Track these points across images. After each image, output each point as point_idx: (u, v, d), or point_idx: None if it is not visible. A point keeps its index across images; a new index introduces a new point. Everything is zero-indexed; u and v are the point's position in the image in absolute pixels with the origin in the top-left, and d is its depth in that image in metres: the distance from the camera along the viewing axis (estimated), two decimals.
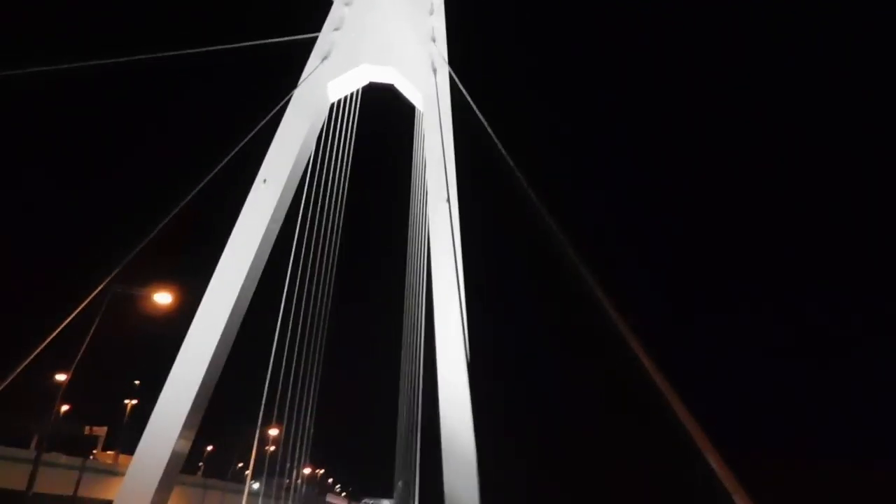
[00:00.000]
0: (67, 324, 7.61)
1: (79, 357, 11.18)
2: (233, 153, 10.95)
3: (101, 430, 48.19)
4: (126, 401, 48.35)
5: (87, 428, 46.98)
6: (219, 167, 10.61)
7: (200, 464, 60.59)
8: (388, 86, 16.66)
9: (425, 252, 18.27)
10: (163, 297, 11.99)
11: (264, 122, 12.19)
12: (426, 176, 15.35)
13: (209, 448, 62.69)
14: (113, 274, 8.13)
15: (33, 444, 40.51)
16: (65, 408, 47.38)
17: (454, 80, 14.39)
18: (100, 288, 7.86)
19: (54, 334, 6.98)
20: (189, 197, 9.75)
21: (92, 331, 11.06)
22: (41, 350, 7.28)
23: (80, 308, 7.37)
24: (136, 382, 45.17)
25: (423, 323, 23.06)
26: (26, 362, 6.62)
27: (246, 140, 11.48)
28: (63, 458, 36.88)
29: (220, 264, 13.73)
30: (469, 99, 11.43)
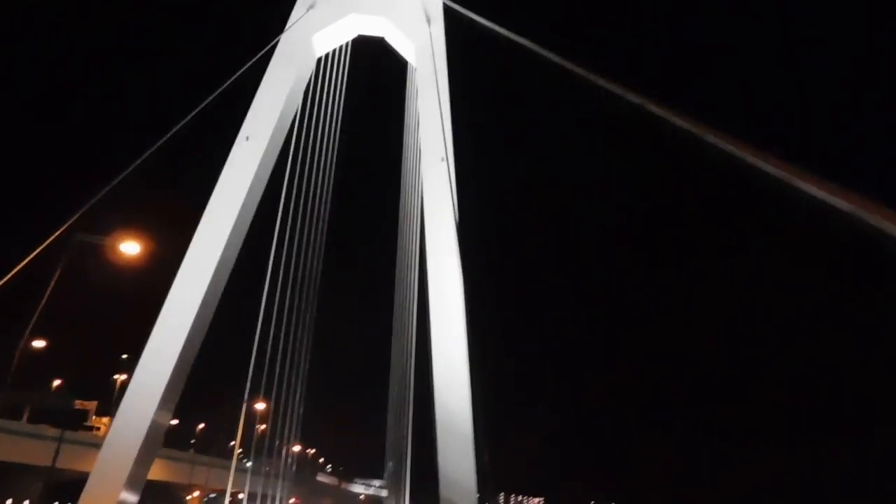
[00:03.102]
0: (30, 268, 7.04)
1: (38, 311, 10.55)
2: (208, 100, 10.32)
3: (91, 405, 47.75)
4: (116, 376, 47.81)
5: (77, 402, 46.51)
6: (192, 114, 9.98)
7: (192, 441, 60.49)
8: (378, 39, 15.84)
9: (418, 216, 17.62)
10: (131, 247, 11.32)
11: (243, 69, 11.50)
12: (420, 134, 14.66)
13: (201, 426, 62.52)
14: (76, 216, 7.53)
15: (25, 417, 40.14)
16: (56, 382, 46.92)
17: (451, 8, 13.13)
18: (62, 230, 7.27)
19: (8, 278, 6.40)
20: (160, 143, 9.11)
21: (53, 282, 10.42)
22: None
23: (40, 249, 6.79)
24: (124, 356, 44.59)
25: (415, 298, 22.52)
26: None
27: (223, 88, 10.80)
28: (50, 431, 36.51)
29: (199, 228, 12.96)
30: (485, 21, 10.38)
